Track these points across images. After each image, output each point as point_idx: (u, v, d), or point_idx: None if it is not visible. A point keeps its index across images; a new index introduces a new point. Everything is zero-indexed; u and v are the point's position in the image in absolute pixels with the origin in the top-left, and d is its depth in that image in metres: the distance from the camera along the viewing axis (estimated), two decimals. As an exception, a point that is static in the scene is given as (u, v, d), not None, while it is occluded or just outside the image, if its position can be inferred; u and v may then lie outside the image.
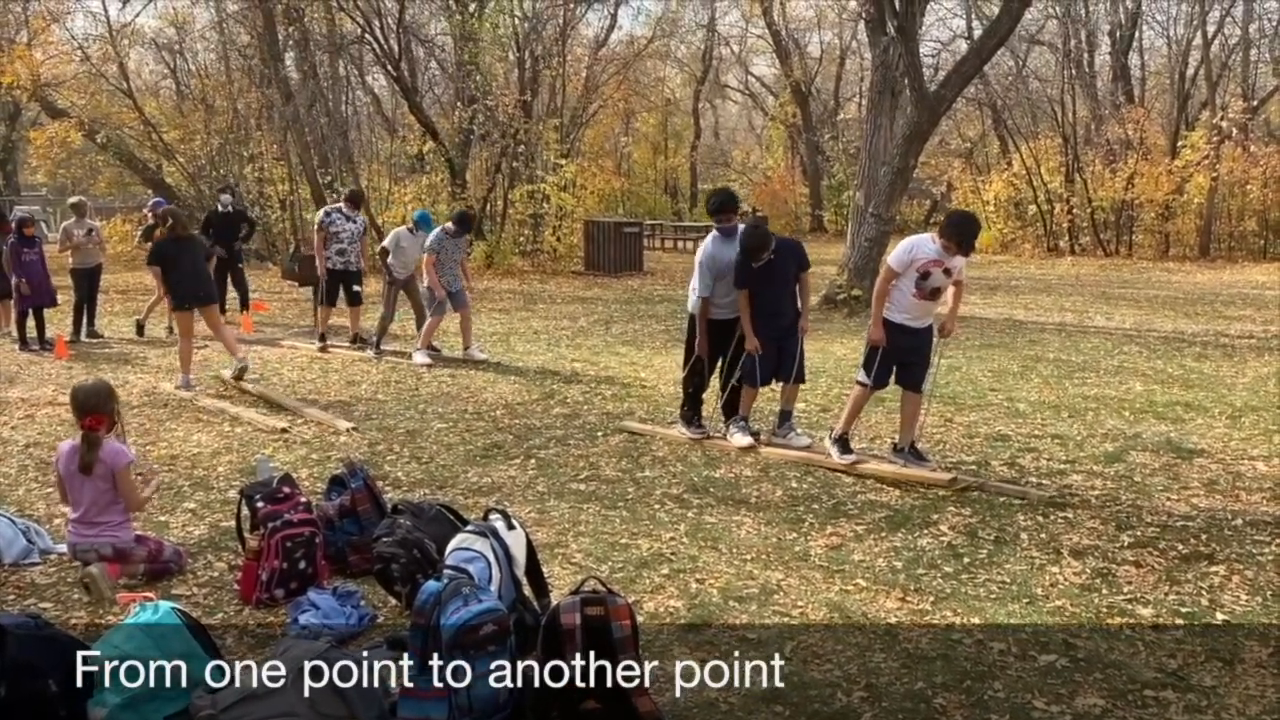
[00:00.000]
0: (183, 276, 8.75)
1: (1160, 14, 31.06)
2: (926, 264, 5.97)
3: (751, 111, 46.25)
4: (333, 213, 10.87)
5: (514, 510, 5.33)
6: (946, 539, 5.08)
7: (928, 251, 5.99)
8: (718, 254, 6.76)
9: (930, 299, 6.09)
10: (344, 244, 10.76)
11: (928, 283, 5.99)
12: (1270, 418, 7.63)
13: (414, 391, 8.95)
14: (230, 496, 5.64)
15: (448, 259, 10.18)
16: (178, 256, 8.75)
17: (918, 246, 6.03)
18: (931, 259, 5.97)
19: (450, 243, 10.15)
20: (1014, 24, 15.59)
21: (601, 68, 28.95)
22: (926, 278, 5.98)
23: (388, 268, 10.56)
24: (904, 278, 6.01)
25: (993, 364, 10.07)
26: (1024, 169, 26.48)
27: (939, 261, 5.97)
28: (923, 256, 5.98)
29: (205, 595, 4.51)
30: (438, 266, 10.05)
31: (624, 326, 13.34)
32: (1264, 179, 23.78)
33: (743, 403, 6.88)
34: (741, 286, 6.60)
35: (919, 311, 6.12)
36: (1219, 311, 14.27)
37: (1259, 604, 4.24)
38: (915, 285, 6.00)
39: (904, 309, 6.08)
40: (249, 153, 23.01)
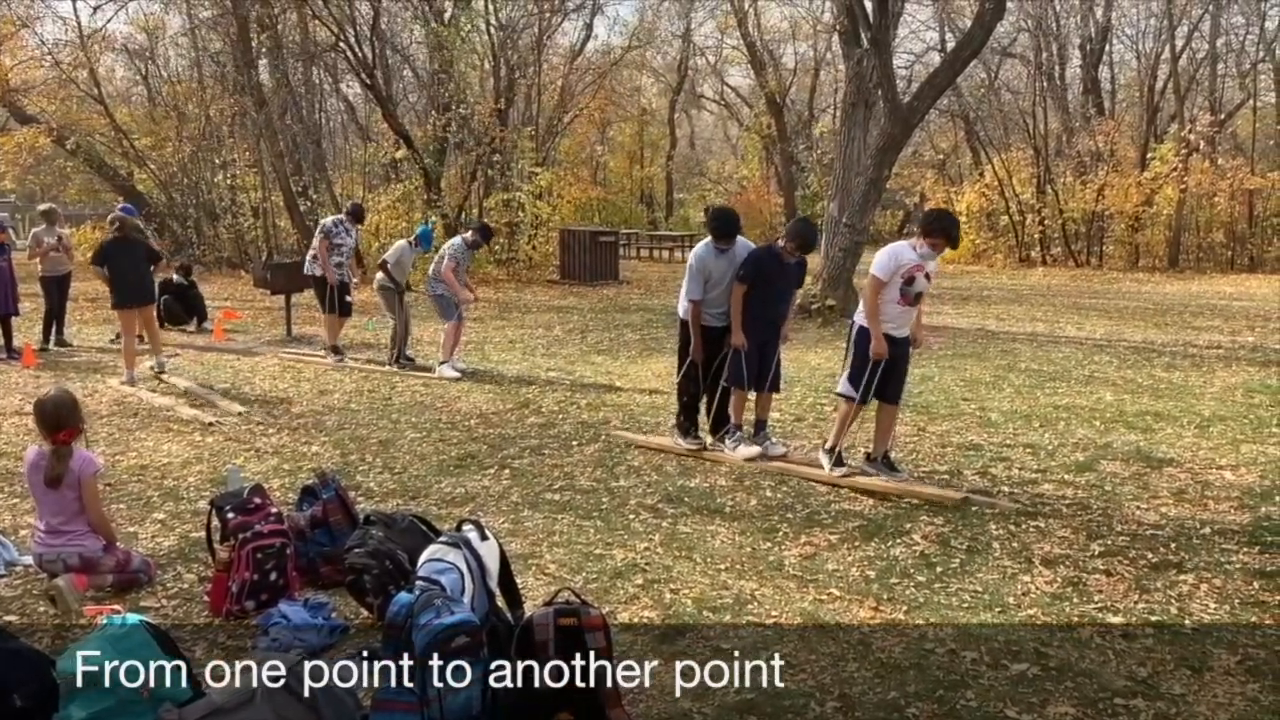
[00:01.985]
0: (124, 277, 9.33)
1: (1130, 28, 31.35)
2: (910, 269, 6.03)
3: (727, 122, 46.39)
4: (339, 224, 10.80)
5: (488, 521, 5.31)
6: (919, 548, 5.10)
7: (910, 257, 6.04)
8: (709, 261, 6.79)
9: (913, 304, 6.14)
10: (342, 256, 10.70)
11: (912, 288, 6.05)
12: (1238, 427, 7.72)
13: (387, 401, 8.90)
14: (200, 507, 5.58)
15: (462, 269, 10.14)
16: (121, 258, 9.32)
17: (899, 253, 6.08)
18: (914, 264, 6.03)
19: (466, 252, 10.11)
20: (986, 37, 15.72)
21: (578, 77, 28.99)
22: (911, 283, 6.04)
23: (389, 276, 10.39)
24: (889, 287, 6.05)
25: (965, 374, 10.13)
26: (996, 180, 26.72)
27: (920, 265, 6.04)
28: (906, 262, 6.03)
29: (174, 607, 4.46)
30: (457, 274, 9.97)
31: (599, 336, 13.33)
32: (1231, 191, 24.11)
33: (734, 409, 6.87)
34: (744, 280, 6.58)
35: (904, 319, 6.17)
36: (1188, 322, 14.44)
37: (1227, 612, 4.29)
38: (900, 292, 6.05)
39: (890, 318, 6.11)
40: (221, 160, 22.86)
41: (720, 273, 6.76)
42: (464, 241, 10.07)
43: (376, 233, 19.76)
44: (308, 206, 21.41)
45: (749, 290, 6.63)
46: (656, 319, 14.87)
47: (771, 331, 6.82)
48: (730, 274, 6.73)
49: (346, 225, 10.81)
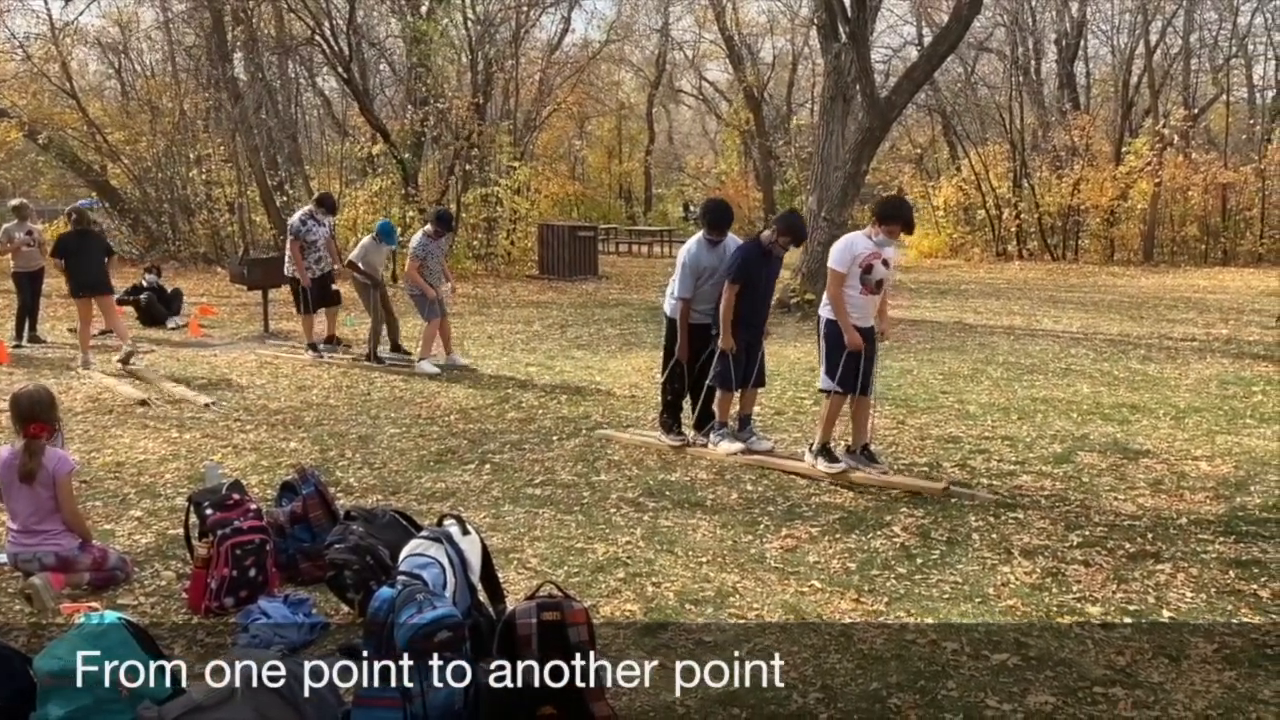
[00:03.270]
0: (80, 267, 9.77)
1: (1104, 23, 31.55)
2: (867, 258, 6.06)
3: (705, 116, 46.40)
4: (308, 220, 10.56)
5: (468, 516, 5.29)
6: (900, 540, 5.13)
7: (865, 246, 6.08)
8: (701, 257, 6.73)
9: (875, 293, 6.17)
10: (320, 250, 10.57)
11: (871, 276, 6.09)
12: (1213, 418, 7.80)
13: (366, 396, 8.85)
14: (178, 504, 5.54)
15: (434, 263, 10.00)
16: (78, 250, 9.79)
17: (854, 244, 6.12)
18: (870, 252, 6.07)
19: (433, 245, 9.97)
20: (963, 31, 15.80)
21: (555, 71, 28.89)
22: (870, 271, 6.07)
23: (363, 274, 10.32)
24: (848, 280, 6.07)
25: (943, 367, 10.18)
26: (973, 175, 26.85)
27: (876, 253, 6.08)
28: (862, 251, 6.06)
29: (153, 604, 4.42)
30: (423, 271, 9.86)
31: (579, 331, 13.32)
32: (1204, 185, 24.35)
33: (719, 408, 6.85)
34: (736, 280, 6.50)
35: (869, 308, 6.19)
36: (1163, 315, 14.57)
37: (1204, 601, 4.33)
38: (860, 282, 6.08)
39: (854, 308, 6.13)
40: (196, 154, 22.66)
41: (711, 268, 6.71)
42: (425, 235, 9.96)
43: (354, 228, 19.63)
44: (284, 201, 21.26)
45: (739, 291, 6.58)
46: (636, 314, 14.87)
47: (757, 331, 6.81)
48: (720, 269, 6.69)
49: (317, 217, 10.60)
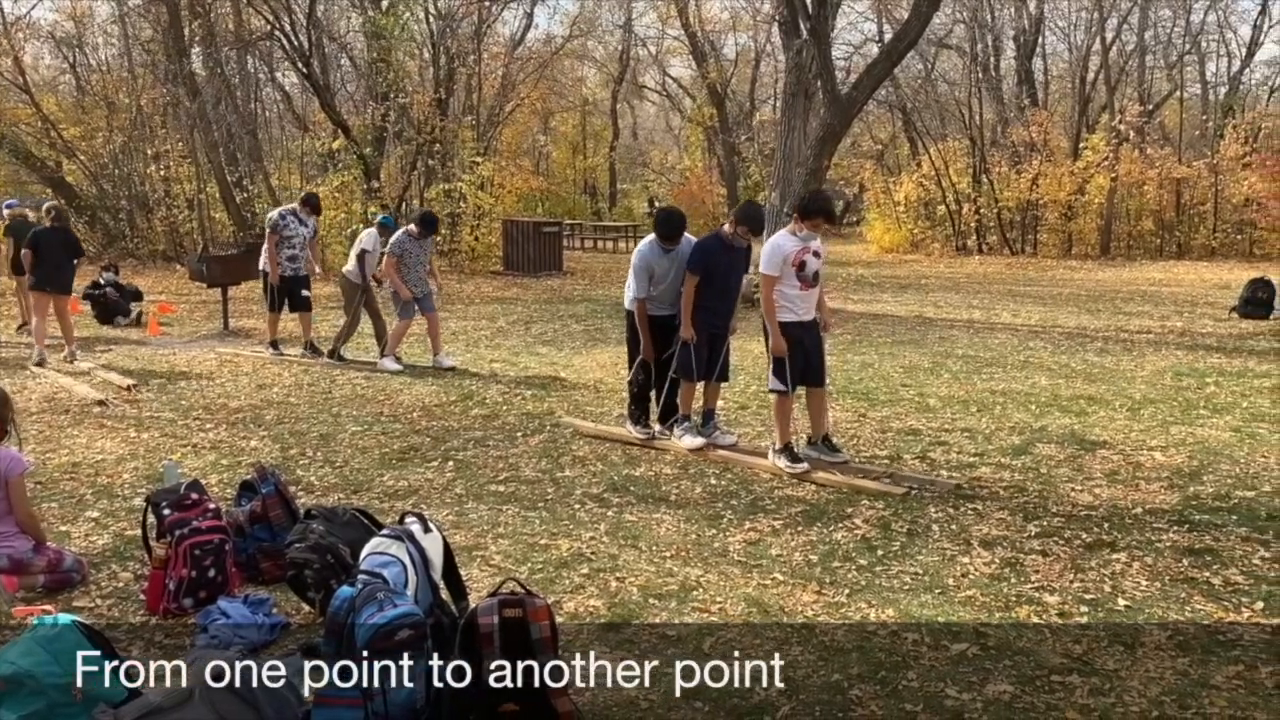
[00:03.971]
0: (46, 262, 9.97)
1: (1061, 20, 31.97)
2: (797, 255, 6.11)
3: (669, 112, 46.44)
4: (287, 215, 10.39)
5: (431, 513, 5.27)
6: (861, 532, 5.17)
7: (791, 245, 6.14)
8: (653, 261, 6.76)
9: (813, 285, 6.22)
10: (296, 249, 10.37)
11: (806, 271, 6.15)
12: (1167, 410, 7.93)
13: (327, 394, 8.78)
14: (136, 504, 5.47)
15: (413, 262, 9.81)
16: (48, 244, 10.00)
17: (780, 244, 6.17)
18: (799, 248, 6.12)
19: (414, 245, 9.78)
20: (923, 27, 15.92)
21: (518, 67, 28.79)
22: (804, 267, 6.14)
23: (361, 270, 10.12)
24: (783, 278, 6.12)
25: (904, 360, 10.27)
26: (933, 170, 27.09)
27: (805, 248, 6.13)
28: (790, 250, 6.12)
29: (109, 606, 4.36)
30: (400, 269, 9.70)
31: (544, 326, 13.29)
32: (1159, 181, 24.74)
33: (682, 401, 6.86)
34: (695, 272, 6.52)
35: (809, 302, 6.25)
36: (1119, 308, 14.78)
37: (1158, 589, 4.40)
38: (797, 279, 6.14)
39: (795, 305, 6.18)
40: (154, 151, 22.34)
41: (664, 270, 6.75)
42: (407, 234, 9.83)
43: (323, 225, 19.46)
44: (243, 198, 21.03)
45: (700, 282, 6.60)
46: (601, 309, 14.87)
47: (722, 322, 6.82)
48: (674, 271, 6.72)
49: (300, 216, 10.42)
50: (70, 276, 10.31)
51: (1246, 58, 30.03)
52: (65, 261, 10.10)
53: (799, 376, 6.25)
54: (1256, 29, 30.09)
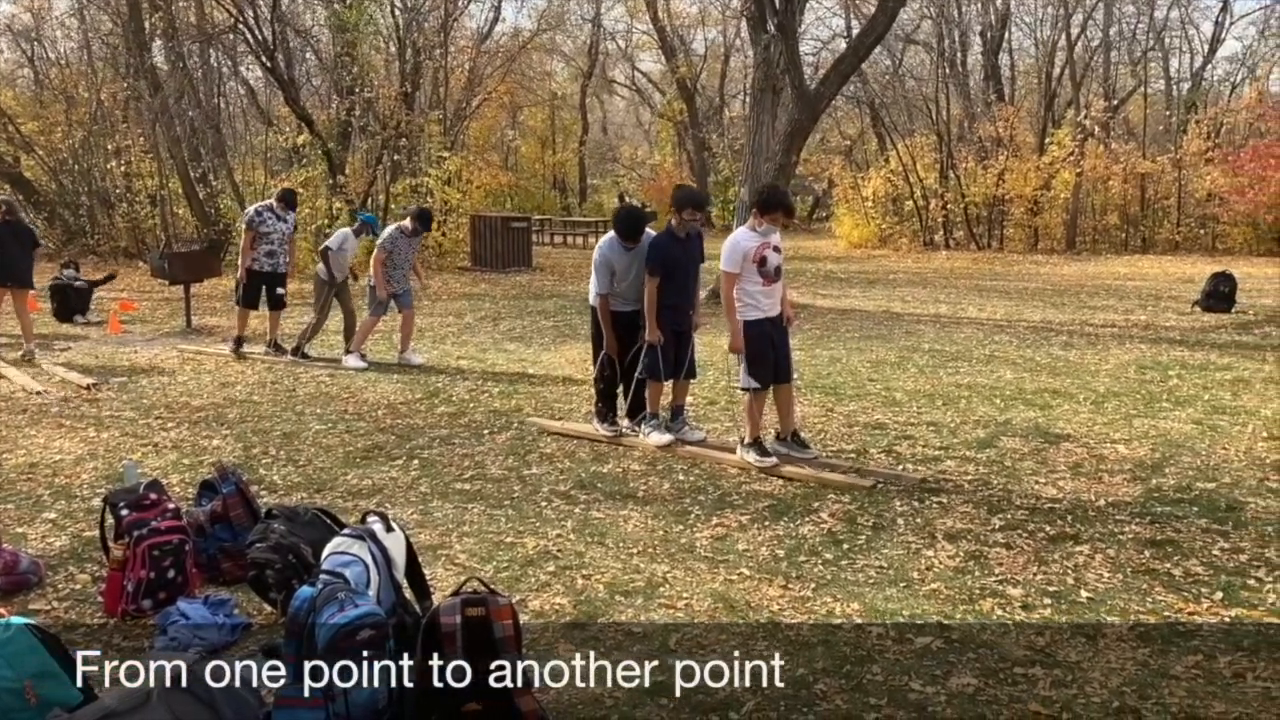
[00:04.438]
0: (5, 257, 9.88)
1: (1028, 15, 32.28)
2: (758, 251, 6.11)
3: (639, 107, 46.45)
4: (264, 211, 10.23)
5: (395, 512, 5.23)
6: (827, 526, 5.18)
7: (751, 240, 6.14)
8: (613, 258, 6.73)
9: (776, 280, 6.22)
10: (274, 245, 10.20)
11: (768, 266, 6.15)
12: (1131, 403, 8.01)
13: (291, 392, 8.70)
14: (94, 505, 5.39)
15: (401, 260, 9.70)
16: (7, 240, 9.91)
17: (740, 241, 6.16)
18: (758, 245, 6.12)
19: (404, 242, 9.68)
20: (890, 23, 15.99)
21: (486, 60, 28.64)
22: (764, 262, 6.13)
23: (328, 268, 10.00)
24: (745, 275, 6.12)
25: (871, 355, 10.32)
26: (901, 166, 27.23)
27: (765, 243, 6.14)
28: (750, 246, 6.12)
29: (67, 609, 4.29)
30: (387, 266, 9.56)
31: (512, 323, 13.24)
32: (1124, 175, 25.00)
33: (650, 400, 6.83)
34: (655, 273, 6.49)
35: (773, 298, 6.24)
36: (1084, 302, 14.93)
37: (1120, 581, 4.44)
38: (758, 274, 6.13)
39: (758, 301, 6.18)
40: (115, 146, 22.02)
41: (624, 267, 6.73)
42: (400, 230, 9.69)
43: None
44: (207, 194, 20.78)
45: (662, 280, 6.56)
46: (570, 305, 14.82)
47: (685, 318, 6.80)
48: (636, 268, 6.70)
49: (277, 212, 10.25)
50: (28, 269, 10.12)
51: (1209, 54, 30.43)
52: (21, 255, 9.97)
53: (770, 372, 6.24)
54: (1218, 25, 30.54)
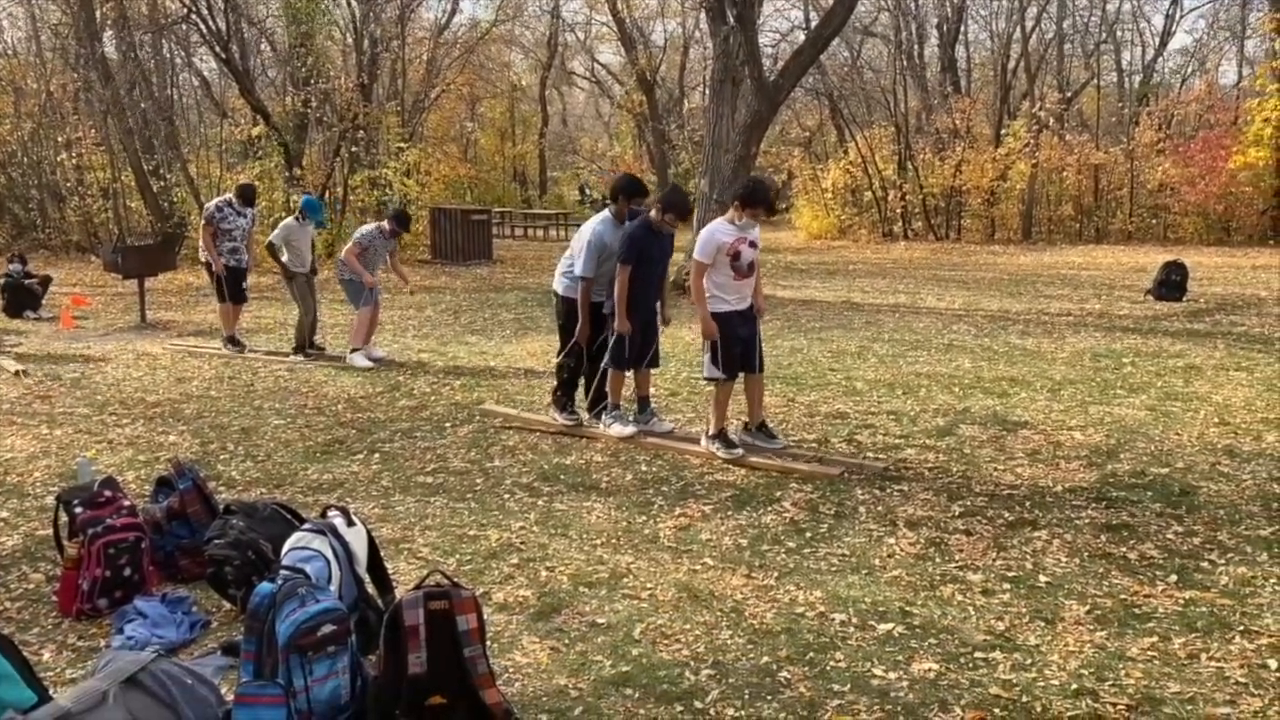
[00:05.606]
0: None
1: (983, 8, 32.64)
2: (733, 245, 6.10)
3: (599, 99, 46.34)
4: (224, 207, 10.09)
5: (357, 507, 5.19)
6: (789, 515, 5.21)
7: (728, 233, 6.12)
8: (607, 236, 6.62)
9: (748, 275, 6.21)
10: (237, 241, 10.10)
11: (741, 261, 6.13)
12: (1086, 390, 8.13)
13: (249, 387, 8.59)
14: (47, 503, 5.29)
15: (375, 256, 9.53)
16: None
17: (716, 233, 6.14)
18: (735, 238, 6.11)
19: (381, 241, 9.51)
20: (847, 15, 16.06)
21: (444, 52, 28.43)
22: (738, 257, 6.11)
23: (283, 264, 9.80)
24: (717, 267, 6.11)
25: (832, 345, 10.38)
26: (859, 157, 27.41)
27: (742, 238, 6.13)
28: (726, 239, 6.10)
29: (19, 609, 4.21)
30: (361, 260, 9.38)
31: (473, 316, 13.17)
32: (1078, 166, 25.33)
33: (612, 390, 6.80)
34: (628, 262, 6.44)
35: (744, 291, 6.22)
36: (1040, 291, 15.11)
37: (1077, 565, 4.50)
38: (731, 268, 6.11)
39: (729, 293, 6.17)
40: (65, 138, 21.61)
41: (613, 248, 6.63)
42: (379, 230, 9.52)
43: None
44: (161, 187, 20.46)
45: (634, 270, 6.51)
46: (532, 298, 14.77)
47: (652, 309, 6.79)
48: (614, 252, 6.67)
49: (236, 207, 10.12)
50: None
51: (1160, 47, 30.92)
52: None
53: (737, 364, 6.25)
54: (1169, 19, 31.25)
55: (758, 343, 6.39)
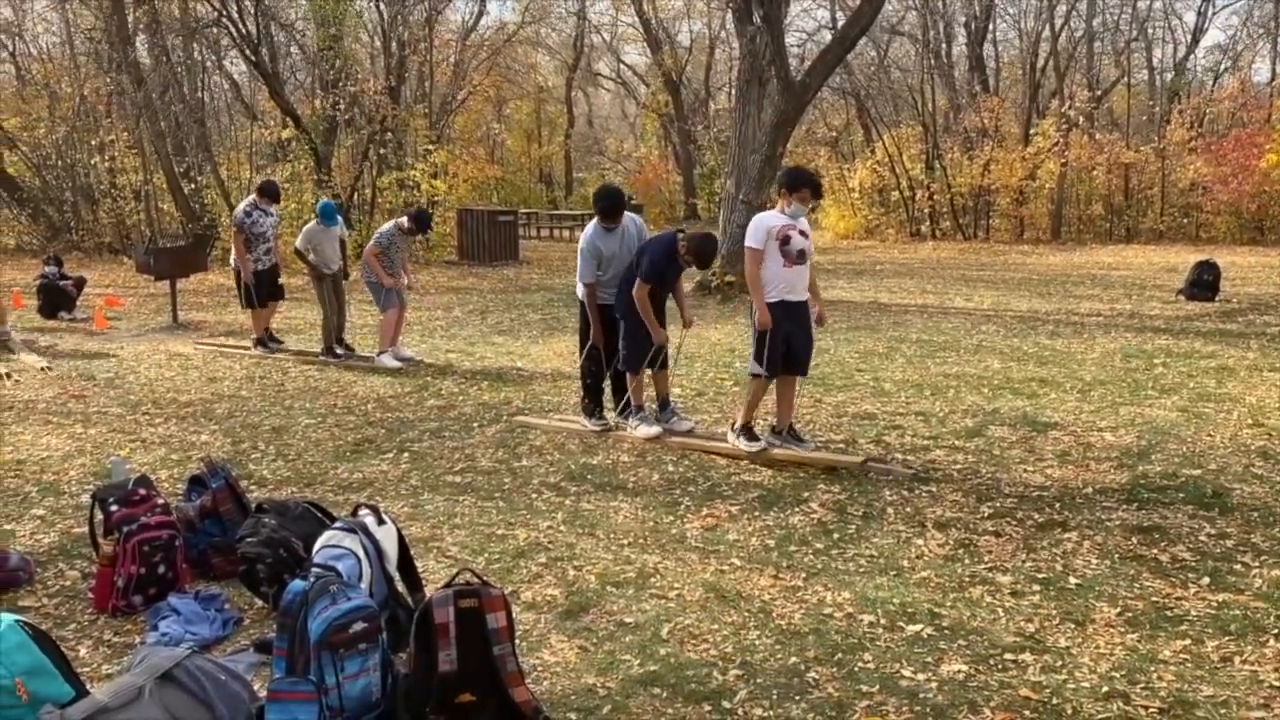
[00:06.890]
0: None
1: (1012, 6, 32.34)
2: (782, 230, 6.09)
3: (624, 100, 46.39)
4: (252, 211, 10.13)
5: (386, 505, 5.23)
6: (817, 515, 5.20)
7: (779, 220, 6.12)
8: (599, 244, 6.73)
9: (799, 263, 6.13)
10: (270, 241, 10.21)
11: (790, 246, 6.09)
12: (1116, 391, 8.06)
13: (280, 387, 8.67)
14: (83, 501, 5.36)
15: (396, 255, 9.59)
16: None
17: (765, 219, 6.15)
18: (784, 224, 6.10)
19: (401, 239, 9.60)
20: (875, 14, 16.00)
21: (471, 54, 28.56)
22: (788, 242, 6.08)
23: (312, 265, 9.82)
24: (768, 254, 6.10)
25: (859, 345, 10.34)
26: (887, 157, 27.26)
27: (791, 225, 6.12)
28: (776, 225, 6.10)
29: (56, 605, 4.27)
30: (382, 260, 9.45)
31: (500, 316, 13.22)
32: (1108, 165, 25.09)
33: (633, 392, 6.84)
34: (649, 280, 6.50)
35: (794, 280, 6.13)
36: (1069, 291, 14.99)
37: (1108, 567, 4.47)
38: (781, 254, 6.09)
39: (780, 282, 6.11)
40: (98, 141, 21.88)
41: (611, 252, 6.73)
42: (396, 227, 9.57)
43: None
44: (192, 189, 20.68)
45: (655, 288, 6.58)
46: (558, 298, 14.81)
47: (663, 315, 6.82)
48: (621, 252, 6.72)
49: (262, 208, 10.18)
50: None
51: (1191, 44, 30.53)
52: None
53: (779, 364, 6.17)
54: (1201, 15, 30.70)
55: (805, 345, 6.26)
